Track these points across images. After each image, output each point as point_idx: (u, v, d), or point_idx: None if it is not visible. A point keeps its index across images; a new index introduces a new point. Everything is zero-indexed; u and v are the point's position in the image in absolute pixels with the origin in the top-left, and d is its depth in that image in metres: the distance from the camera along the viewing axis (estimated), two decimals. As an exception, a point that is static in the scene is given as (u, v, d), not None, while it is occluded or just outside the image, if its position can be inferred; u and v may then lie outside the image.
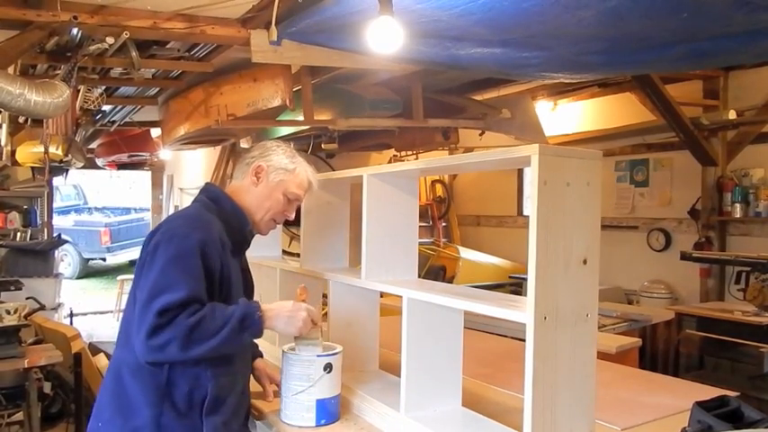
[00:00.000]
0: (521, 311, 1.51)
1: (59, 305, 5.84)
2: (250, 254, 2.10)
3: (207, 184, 2.03)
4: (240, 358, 1.90)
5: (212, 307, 1.66)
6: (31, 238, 6.20)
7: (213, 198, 1.92)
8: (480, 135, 6.73)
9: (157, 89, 5.44)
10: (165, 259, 1.66)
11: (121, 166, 9.21)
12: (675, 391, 2.34)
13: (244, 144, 6.90)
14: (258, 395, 2.17)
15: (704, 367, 4.84)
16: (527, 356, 1.48)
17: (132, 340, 1.66)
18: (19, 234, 6.18)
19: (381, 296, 2.48)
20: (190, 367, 1.72)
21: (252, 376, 2.15)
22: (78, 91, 4.51)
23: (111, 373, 1.81)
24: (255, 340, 2.07)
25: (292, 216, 2.00)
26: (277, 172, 1.96)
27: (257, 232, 2.00)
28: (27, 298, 4.48)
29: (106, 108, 6.05)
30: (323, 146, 6.97)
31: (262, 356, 2.30)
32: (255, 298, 2.05)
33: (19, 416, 3.72)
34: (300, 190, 2.00)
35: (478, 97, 6.26)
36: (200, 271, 1.68)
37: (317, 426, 1.98)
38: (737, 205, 5.53)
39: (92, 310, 9.73)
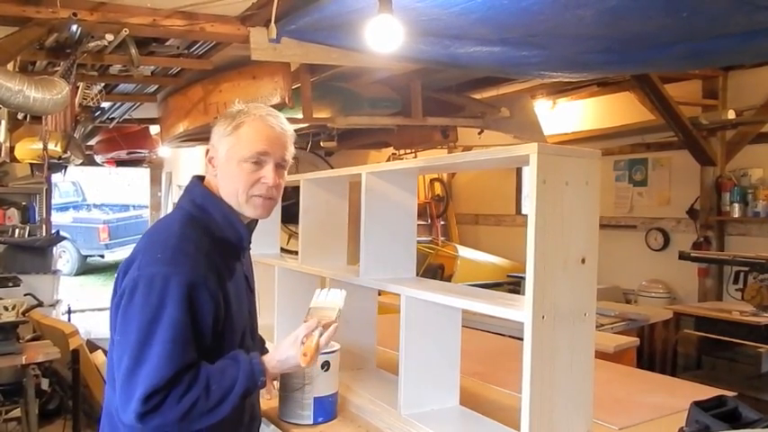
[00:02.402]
0: (519, 310, 1.51)
1: (57, 302, 5.83)
2: (248, 251, 2.08)
3: (193, 179, 1.70)
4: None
5: (207, 380, 1.44)
6: (29, 235, 6.21)
7: (200, 205, 1.62)
8: (479, 134, 6.73)
9: (156, 86, 5.44)
10: (144, 316, 1.41)
11: (120, 163, 9.20)
12: (673, 391, 2.34)
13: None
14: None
15: (702, 367, 4.85)
16: (525, 355, 1.48)
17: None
18: (17, 230, 6.19)
19: (379, 294, 2.48)
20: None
21: None
22: (77, 88, 4.51)
23: (106, 415, 1.60)
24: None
25: (271, 179, 1.59)
26: (221, 144, 1.61)
27: (251, 216, 1.66)
28: (25, 294, 4.48)
29: (105, 105, 6.05)
30: (322, 144, 6.97)
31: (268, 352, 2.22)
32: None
33: (16, 412, 3.73)
34: (256, 145, 1.58)
35: (477, 96, 6.26)
36: (187, 327, 1.43)
37: (314, 424, 1.98)
38: (736, 205, 5.53)
39: (90, 307, 9.71)
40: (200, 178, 1.69)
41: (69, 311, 6.64)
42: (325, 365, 1.97)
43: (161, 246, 1.50)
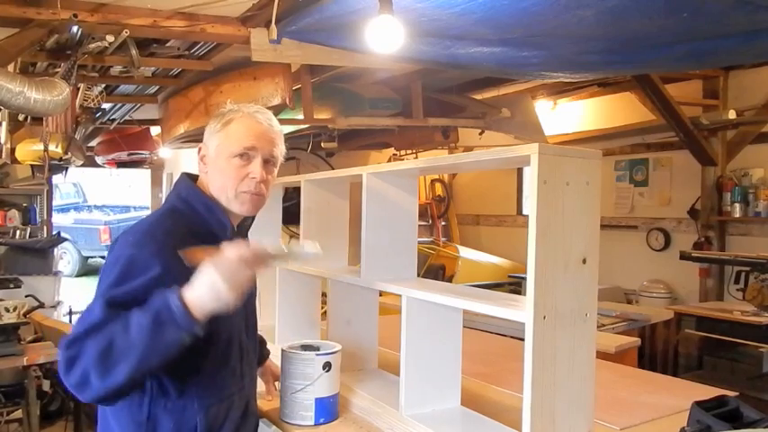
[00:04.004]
0: (520, 311, 1.51)
1: (58, 303, 5.83)
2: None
3: (182, 175, 1.71)
4: (233, 377, 1.65)
5: (126, 317, 1.35)
6: (30, 236, 6.21)
7: (185, 198, 1.63)
8: (480, 134, 6.73)
9: (157, 87, 5.44)
10: (102, 290, 1.43)
11: (121, 165, 9.19)
12: (674, 391, 2.34)
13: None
14: (260, 393, 2.17)
15: (703, 367, 4.84)
16: (526, 356, 1.48)
17: None
18: (18, 232, 6.20)
19: (380, 295, 2.48)
20: (173, 399, 1.52)
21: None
22: (78, 89, 4.51)
23: (101, 414, 1.60)
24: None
25: (258, 174, 1.59)
26: (211, 141, 1.64)
27: (239, 212, 1.64)
28: (26, 296, 4.48)
29: (106, 106, 6.05)
30: (322, 144, 6.97)
31: (269, 356, 2.20)
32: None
33: (18, 413, 3.73)
34: (243, 140, 1.59)
35: (478, 96, 6.26)
36: (130, 296, 1.39)
37: (315, 424, 1.97)
38: (737, 205, 5.53)
39: (91, 308, 9.71)
40: (189, 175, 1.71)
41: (70, 312, 6.63)
42: (327, 366, 1.97)
43: (133, 231, 1.54)
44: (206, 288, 1.35)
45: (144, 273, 1.42)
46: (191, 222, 1.59)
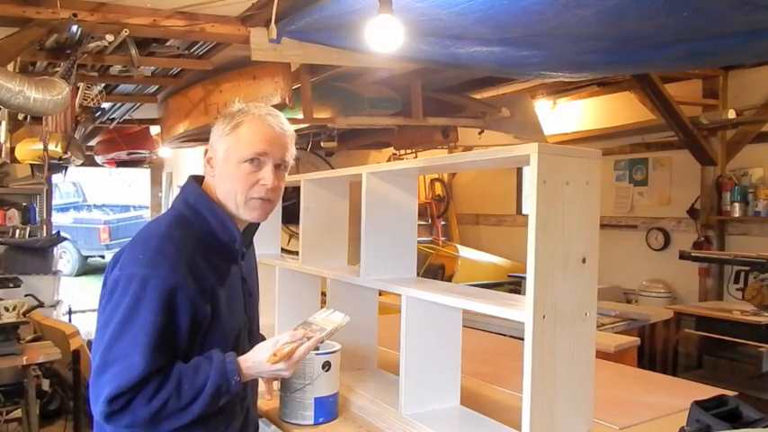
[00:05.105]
0: (520, 310, 1.51)
1: (58, 302, 5.84)
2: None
3: (189, 179, 1.66)
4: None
5: (178, 379, 1.40)
6: (30, 236, 6.21)
7: (193, 205, 1.58)
8: (479, 134, 6.74)
9: (157, 87, 5.44)
10: (118, 316, 1.40)
11: (121, 164, 9.19)
12: (674, 391, 2.34)
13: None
14: (259, 393, 2.17)
15: (703, 367, 4.85)
16: (526, 355, 1.48)
17: None
18: (18, 231, 6.19)
19: (380, 294, 2.48)
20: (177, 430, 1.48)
21: None
22: (78, 88, 4.51)
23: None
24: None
25: (270, 181, 1.55)
26: (219, 144, 1.58)
27: (249, 219, 1.61)
28: (26, 295, 4.48)
29: (105, 105, 6.05)
30: (322, 144, 6.98)
31: None
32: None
33: (17, 413, 3.73)
34: (255, 146, 1.54)
35: (478, 96, 6.26)
36: (159, 331, 1.40)
37: (315, 424, 1.98)
38: (736, 205, 5.53)
39: (90, 308, 9.66)
40: (197, 178, 1.65)
41: (70, 312, 6.64)
42: (326, 366, 1.97)
43: (143, 246, 1.48)
44: (266, 371, 1.52)
45: (161, 298, 1.41)
46: (199, 231, 1.55)
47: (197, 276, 1.46)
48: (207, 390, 1.41)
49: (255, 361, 1.50)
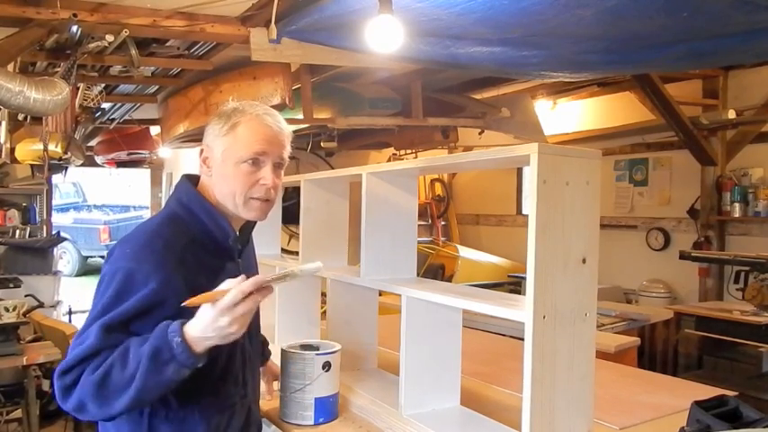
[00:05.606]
0: (520, 310, 1.51)
1: (58, 303, 5.83)
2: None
3: (182, 178, 1.64)
4: (236, 385, 1.60)
5: (125, 348, 1.35)
6: (30, 236, 6.21)
7: (186, 204, 1.57)
8: (480, 134, 6.74)
9: (157, 87, 5.44)
10: (100, 306, 1.40)
11: (121, 164, 9.18)
12: (674, 391, 2.34)
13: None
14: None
15: (703, 367, 4.84)
16: (526, 355, 1.48)
17: None
18: (18, 231, 6.19)
19: (380, 295, 2.48)
20: (174, 409, 1.48)
21: None
22: (78, 88, 4.51)
23: None
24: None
25: (270, 180, 1.54)
26: (216, 144, 1.56)
27: (249, 219, 1.61)
28: (26, 295, 4.49)
29: (105, 106, 6.05)
30: (322, 144, 6.97)
31: (270, 356, 2.17)
32: None
33: (17, 413, 3.73)
34: (253, 146, 1.53)
35: (478, 96, 6.26)
36: (132, 318, 1.38)
37: (315, 424, 1.98)
38: (736, 205, 5.53)
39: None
40: (190, 177, 1.64)
41: (70, 312, 6.63)
42: (326, 366, 1.97)
43: (132, 242, 1.48)
44: (209, 326, 1.32)
45: (141, 290, 1.38)
46: (192, 230, 1.53)
47: (185, 273, 1.44)
48: (144, 352, 1.32)
49: (199, 319, 1.35)
